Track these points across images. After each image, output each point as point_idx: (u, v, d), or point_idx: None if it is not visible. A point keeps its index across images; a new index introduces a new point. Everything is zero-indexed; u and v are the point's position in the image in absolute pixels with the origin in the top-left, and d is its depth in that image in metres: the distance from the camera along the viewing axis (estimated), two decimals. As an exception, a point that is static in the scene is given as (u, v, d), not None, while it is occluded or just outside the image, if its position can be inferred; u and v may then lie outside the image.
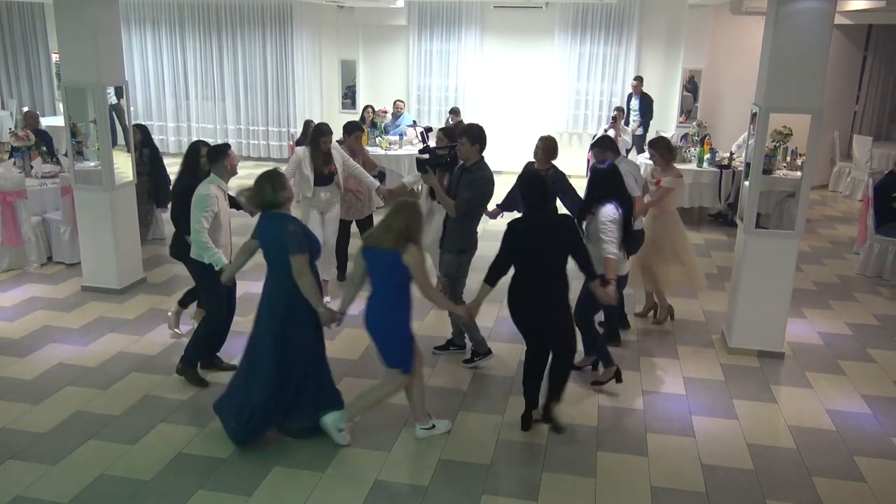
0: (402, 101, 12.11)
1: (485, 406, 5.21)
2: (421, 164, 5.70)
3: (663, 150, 6.39)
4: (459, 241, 5.55)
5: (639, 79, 12.26)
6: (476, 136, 5.41)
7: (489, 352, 5.82)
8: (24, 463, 4.40)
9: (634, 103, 12.31)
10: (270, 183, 4.48)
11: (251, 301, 5.28)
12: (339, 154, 6.79)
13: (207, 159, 5.26)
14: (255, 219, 4.73)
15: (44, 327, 6.37)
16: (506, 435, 4.83)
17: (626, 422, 5.05)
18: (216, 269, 5.06)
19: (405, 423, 4.93)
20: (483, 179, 5.41)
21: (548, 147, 6.21)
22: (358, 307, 4.72)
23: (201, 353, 5.47)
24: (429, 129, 7.34)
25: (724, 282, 7.76)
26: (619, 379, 5.46)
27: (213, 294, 5.34)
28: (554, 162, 6.27)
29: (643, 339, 6.42)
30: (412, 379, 4.66)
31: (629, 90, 12.65)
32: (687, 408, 5.25)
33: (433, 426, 4.81)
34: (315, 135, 6.61)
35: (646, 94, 12.18)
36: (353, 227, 7.58)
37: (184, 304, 6.26)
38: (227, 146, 5.32)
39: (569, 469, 4.48)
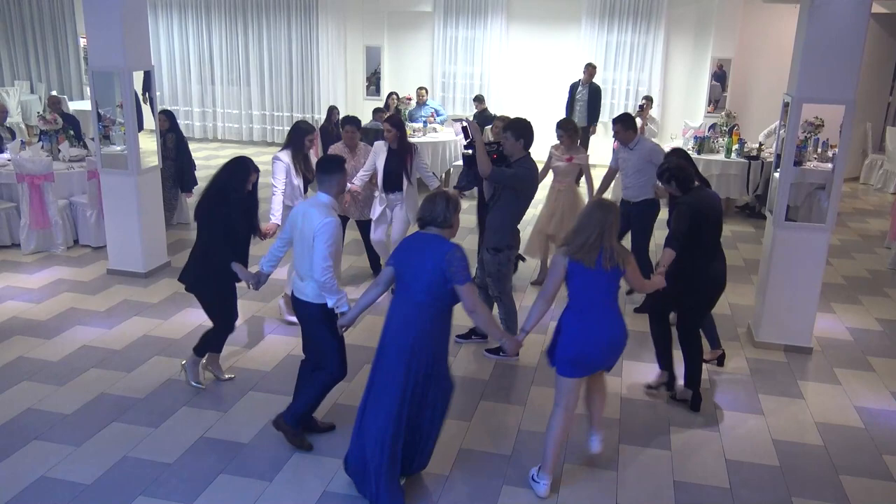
0: (425, 89, 12.04)
1: (506, 396, 5.19)
2: (467, 160, 5.67)
3: (571, 132, 6.95)
4: (496, 239, 5.46)
5: (592, 66, 11.58)
6: (521, 131, 5.31)
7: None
8: (48, 444, 4.45)
9: (583, 93, 11.49)
10: (446, 201, 3.85)
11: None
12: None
13: (319, 170, 4.35)
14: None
15: (70, 309, 6.44)
16: (527, 426, 4.80)
17: (649, 415, 4.99)
18: (338, 312, 4.26)
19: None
20: (521, 177, 5.31)
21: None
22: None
23: (311, 407, 4.50)
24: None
25: (751, 275, 7.65)
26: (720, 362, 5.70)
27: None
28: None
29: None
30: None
31: (656, 79, 12.44)
32: (712, 402, 5.18)
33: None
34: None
35: (595, 84, 11.56)
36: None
37: (202, 352, 5.22)
38: (343, 159, 4.50)
39: (590, 461, 4.44)
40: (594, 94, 11.51)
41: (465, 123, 5.74)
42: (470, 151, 5.80)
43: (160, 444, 4.49)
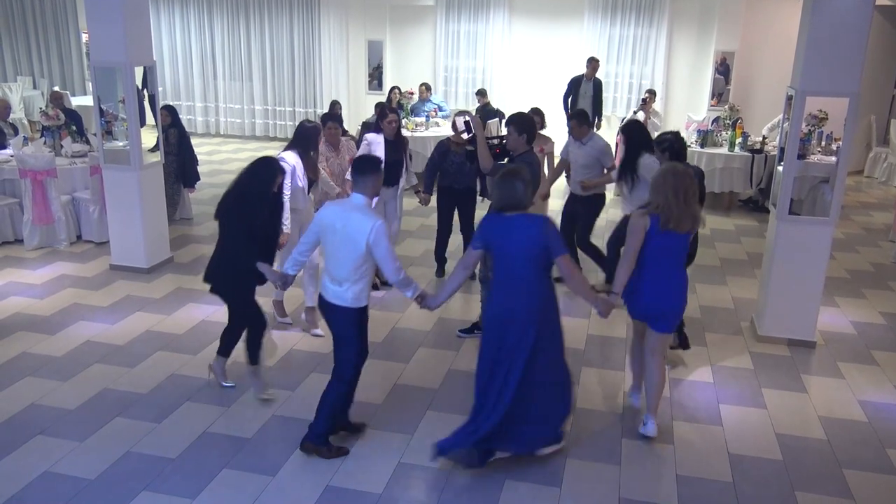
0: (427, 86, 11.99)
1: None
2: (469, 154, 5.69)
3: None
4: None
5: (596, 61, 11.39)
6: (524, 125, 5.29)
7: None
8: (52, 439, 4.46)
9: (587, 88, 11.29)
10: (524, 183, 4.06)
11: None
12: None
13: (355, 171, 4.28)
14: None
15: (73, 305, 6.45)
16: (530, 420, 4.79)
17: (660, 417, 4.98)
18: (412, 297, 4.29)
19: (429, 405, 4.93)
20: (528, 166, 5.24)
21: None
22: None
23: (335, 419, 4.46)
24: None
25: (755, 268, 7.63)
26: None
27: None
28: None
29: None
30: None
31: (660, 72, 12.37)
32: (714, 396, 5.17)
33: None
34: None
35: (597, 78, 11.45)
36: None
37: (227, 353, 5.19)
38: (379, 160, 4.49)
39: (593, 456, 4.44)
40: (598, 89, 11.45)
41: (467, 118, 5.73)
42: (472, 148, 5.80)
43: (163, 439, 4.50)
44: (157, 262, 7.34)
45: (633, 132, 6.30)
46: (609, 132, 12.48)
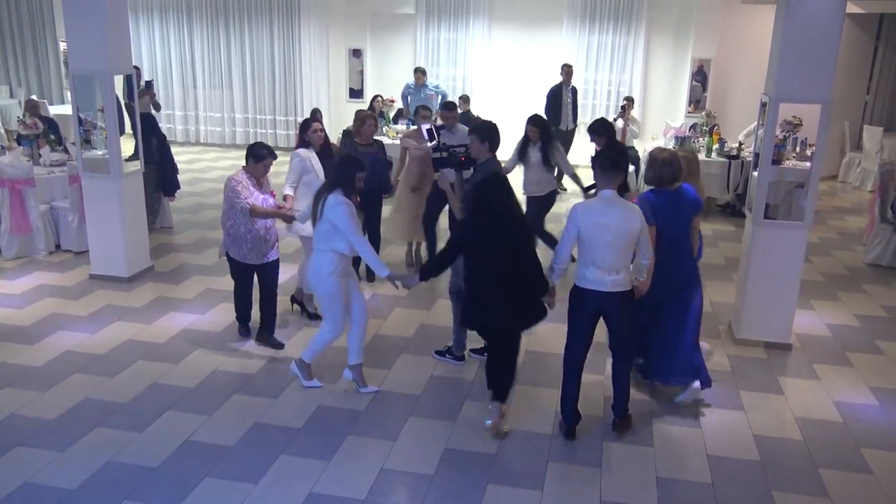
0: (422, 71, 12.00)
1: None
2: (436, 163, 5.60)
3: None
4: None
5: (570, 67, 11.57)
6: (485, 133, 5.24)
7: (463, 357, 5.73)
8: (32, 450, 4.43)
9: (567, 94, 11.42)
10: (679, 162, 4.96)
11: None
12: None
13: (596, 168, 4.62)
14: None
15: (52, 315, 6.40)
16: (512, 424, 4.82)
17: (632, 411, 5.02)
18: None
19: (412, 411, 4.95)
20: (492, 173, 5.29)
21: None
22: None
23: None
24: (440, 128, 7.17)
25: (732, 273, 7.73)
26: None
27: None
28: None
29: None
30: None
31: (637, 79, 12.49)
32: (693, 398, 5.23)
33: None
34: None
35: (573, 85, 11.65)
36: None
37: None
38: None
39: (575, 459, 4.48)
40: (575, 95, 11.63)
41: (429, 126, 5.71)
42: (443, 155, 5.68)
43: (145, 448, 4.48)
44: (138, 271, 7.30)
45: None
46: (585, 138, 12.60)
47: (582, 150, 12.37)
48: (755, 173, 5.99)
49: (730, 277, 7.65)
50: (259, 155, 5.55)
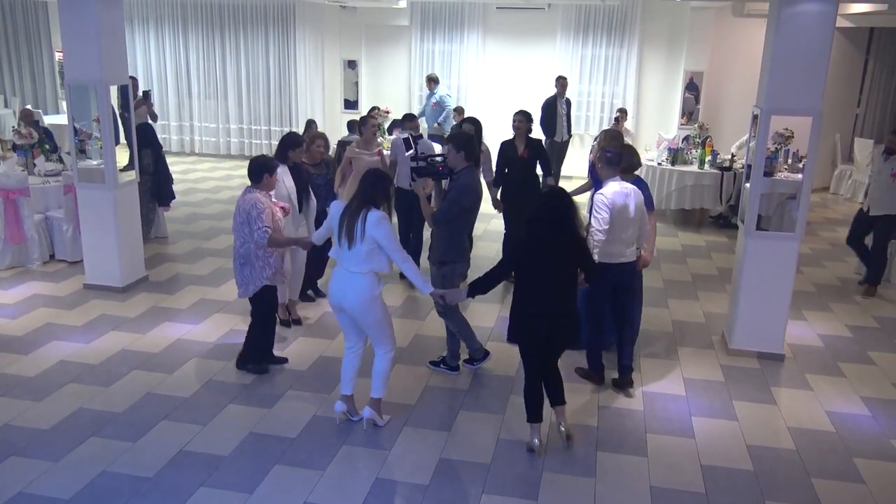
0: (434, 80, 12.21)
1: (484, 406, 5.23)
2: (415, 172, 5.51)
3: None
4: (439, 252, 5.37)
5: (566, 78, 11.65)
6: (461, 143, 5.26)
7: (457, 367, 5.72)
8: (26, 460, 4.42)
9: (561, 106, 11.47)
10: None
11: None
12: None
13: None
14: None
15: (46, 325, 6.39)
16: (506, 434, 4.84)
17: (626, 422, 5.06)
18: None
19: (406, 421, 4.96)
20: (461, 188, 5.25)
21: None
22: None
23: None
24: (418, 137, 7.11)
25: (725, 283, 7.78)
26: None
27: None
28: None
29: (643, 340, 6.42)
30: None
31: (631, 91, 12.56)
32: (687, 409, 5.26)
33: None
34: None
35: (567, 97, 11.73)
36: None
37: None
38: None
39: (568, 469, 4.50)
40: (569, 106, 11.72)
41: (406, 135, 5.75)
42: (421, 164, 5.56)
43: (139, 458, 4.48)
44: (132, 281, 7.30)
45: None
46: (582, 150, 12.70)
47: (576, 162, 12.49)
48: (747, 185, 6.05)
49: (723, 288, 7.69)
50: (272, 166, 5.42)
